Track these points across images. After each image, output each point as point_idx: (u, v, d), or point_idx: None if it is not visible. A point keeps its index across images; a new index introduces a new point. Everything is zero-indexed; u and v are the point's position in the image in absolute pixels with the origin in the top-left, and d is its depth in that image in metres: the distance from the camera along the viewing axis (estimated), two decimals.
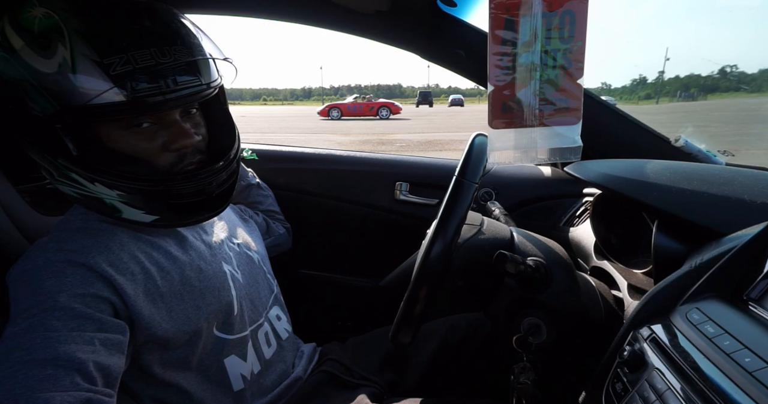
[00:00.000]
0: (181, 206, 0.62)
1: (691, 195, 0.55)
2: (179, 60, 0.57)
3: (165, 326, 0.61)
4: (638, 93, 44.98)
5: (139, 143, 0.59)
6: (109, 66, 0.52)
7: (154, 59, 0.54)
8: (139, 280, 0.60)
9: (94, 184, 0.57)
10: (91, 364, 0.50)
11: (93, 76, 0.52)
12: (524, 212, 1.12)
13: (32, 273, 0.55)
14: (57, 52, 0.52)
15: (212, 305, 0.67)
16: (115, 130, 0.58)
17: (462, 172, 0.59)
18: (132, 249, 0.62)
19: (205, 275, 0.68)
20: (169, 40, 0.57)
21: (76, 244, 0.59)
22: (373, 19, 0.96)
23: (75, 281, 0.55)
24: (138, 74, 0.54)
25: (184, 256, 0.67)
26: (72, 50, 0.52)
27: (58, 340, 0.50)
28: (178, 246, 0.67)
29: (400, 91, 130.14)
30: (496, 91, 0.67)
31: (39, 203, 0.82)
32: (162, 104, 0.56)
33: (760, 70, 77.17)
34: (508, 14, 0.64)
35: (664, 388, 0.41)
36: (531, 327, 0.61)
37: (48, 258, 0.56)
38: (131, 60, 0.53)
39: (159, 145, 0.60)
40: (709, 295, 0.46)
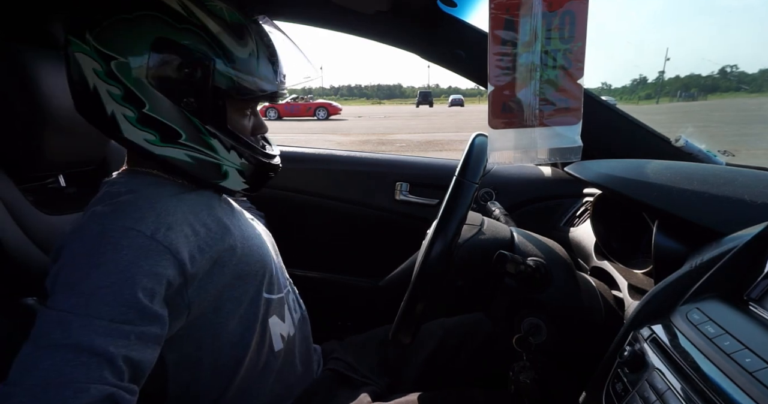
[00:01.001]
0: (265, 178, 0.74)
1: (691, 195, 0.55)
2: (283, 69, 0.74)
3: (217, 282, 0.64)
4: (638, 93, 44.97)
5: (246, 125, 0.71)
6: (273, 64, 0.69)
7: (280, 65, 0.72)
8: (192, 241, 0.62)
9: (230, 151, 0.67)
10: (121, 359, 0.51)
11: (268, 69, 0.68)
12: (524, 212, 1.12)
13: (90, 239, 0.57)
14: (249, 44, 0.66)
15: (258, 263, 0.71)
16: (236, 112, 0.69)
17: (462, 172, 0.59)
18: (183, 213, 0.64)
19: (248, 235, 0.73)
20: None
21: (132, 207, 0.61)
22: (373, 19, 0.96)
23: (131, 255, 0.56)
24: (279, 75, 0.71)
25: (227, 219, 0.71)
26: (257, 46, 0.67)
27: (98, 330, 0.51)
28: (221, 211, 0.72)
29: (400, 91, 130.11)
30: (496, 91, 0.67)
31: (42, 202, 0.82)
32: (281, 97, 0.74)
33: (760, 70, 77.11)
34: (508, 14, 0.64)
35: (665, 388, 0.41)
36: (531, 327, 0.61)
37: (103, 224, 0.58)
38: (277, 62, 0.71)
39: (251, 128, 0.73)
40: (710, 295, 0.46)
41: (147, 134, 0.64)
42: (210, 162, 0.67)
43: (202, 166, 0.67)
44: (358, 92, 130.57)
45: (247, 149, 0.69)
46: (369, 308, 1.26)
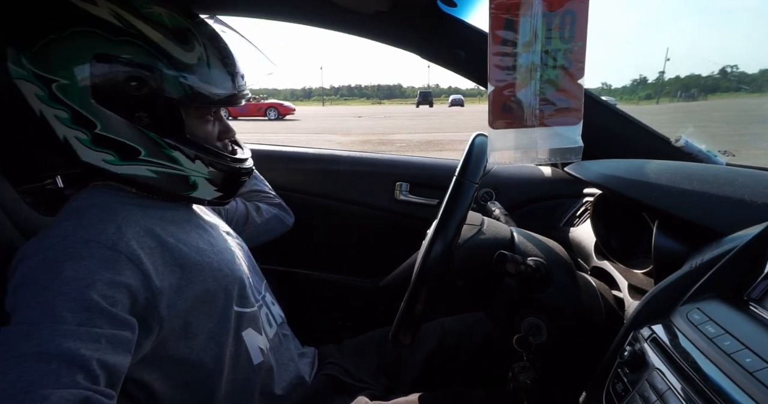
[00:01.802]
0: (237, 185, 0.73)
1: (691, 195, 0.55)
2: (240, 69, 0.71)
3: (186, 297, 0.63)
4: (639, 93, 44.97)
5: (209, 130, 0.70)
6: (227, 66, 0.67)
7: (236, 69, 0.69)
8: (156, 253, 0.61)
9: (195, 162, 0.66)
10: (95, 362, 0.50)
11: (221, 72, 0.66)
12: (524, 212, 1.12)
13: (48, 252, 0.55)
14: (195, 48, 0.63)
15: (228, 277, 0.70)
16: (195, 118, 0.67)
17: (462, 172, 0.59)
18: (146, 224, 0.64)
19: (218, 249, 0.72)
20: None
21: (93, 219, 0.59)
22: (373, 19, 0.96)
23: (92, 265, 0.54)
24: (236, 76, 0.69)
25: (195, 233, 0.71)
26: (206, 50, 0.65)
27: (65, 335, 0.49)
28: (188, 224, 0.71)
29: (400, 91, 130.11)
30: (497, 91, 0.67)
31: (39, 204, 0.82)
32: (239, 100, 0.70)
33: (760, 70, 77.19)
34: (508, 14, 0.64)
35: (665, 388, 0.41)
36: (531, 327, 0.61)
37: (64, 237, 0.56)
38: (231, 64, 0.68)
39: (216, 134, 0.71)
40: (710, 295, 0.46)
41: (105, 154, 0.61)
42: (176, 174, 0.66)
43: (168, 180, 0.66)
44: (358, 92, 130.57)
45: (212, 157, 0.67)
46: (369, 308, 1.26)
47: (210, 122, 0.70)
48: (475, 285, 0.68)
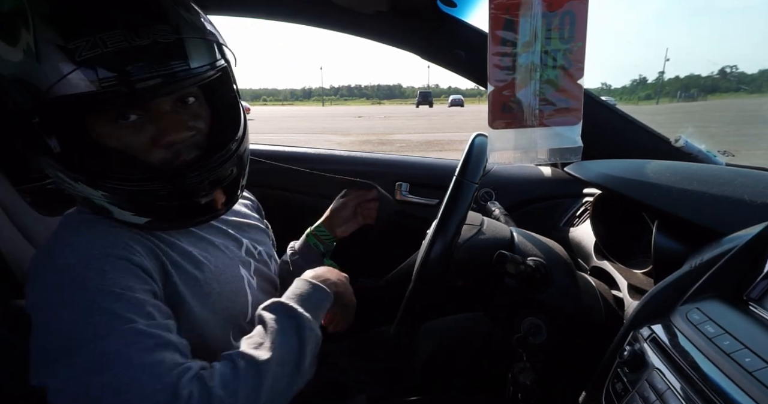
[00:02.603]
0: (171, 208, 0.55)
1: (691, 195, 0.55)
2: (158, 41, 0.49)
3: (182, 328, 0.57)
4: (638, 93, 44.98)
5: (126, 138, 0.52)
6: (74, 51, 0.45)
7: (126, 41, 0.47)
8: (158, 280, 0.56)
9: (77, 184, 0.52)
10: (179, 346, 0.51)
11: (58, 64, 0.46)
12: (524, 212, 1.12)
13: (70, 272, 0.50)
14: (21, 38, 0.46)
15: (228, 310, 0.63)
16: (102, 125, 0.52)
17: (462, 172, 0.59)
18: (150, 246, 0.57)
19: (224, 278, 0.64)
20: (147, 17, 0.49)
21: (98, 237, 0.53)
22: (373, 19, 0.96)
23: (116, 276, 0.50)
24: (107, 59, 0.46)
25: (202, 257, 0.62)
26: (35, 34, 0.46)
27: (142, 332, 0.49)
28: (196, 245, 0.63)
29: (400, 91, 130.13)
30: (496, 91, 0.67)
31: (39, 203, 0.82)
32: (138, 94, 0.49)
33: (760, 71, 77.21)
34: (508, 14, 0.64)
35: (665, 388, 0.41)
36: (531, 327, 0.61)
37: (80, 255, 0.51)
38: (99, 43, 0.46)
39: (148, 140, 0.53)
40: (709, 295, 0.46)
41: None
42: (81, 196, 0.54)
43: (81, 201, 0.55)
44: (358, 92, 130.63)
45: (97, 177, 0.51)
46: (369, 308, 1.26)
47: (130, 126, 0.52)
48: (475, 285, 0.68)
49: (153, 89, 0.50)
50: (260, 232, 0.82)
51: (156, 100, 0.53)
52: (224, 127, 0.61)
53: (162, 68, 0.49)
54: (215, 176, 0.56)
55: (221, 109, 0.61)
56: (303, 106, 68.41)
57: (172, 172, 0.54)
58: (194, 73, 0.52)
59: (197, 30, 0.54)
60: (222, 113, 0.61)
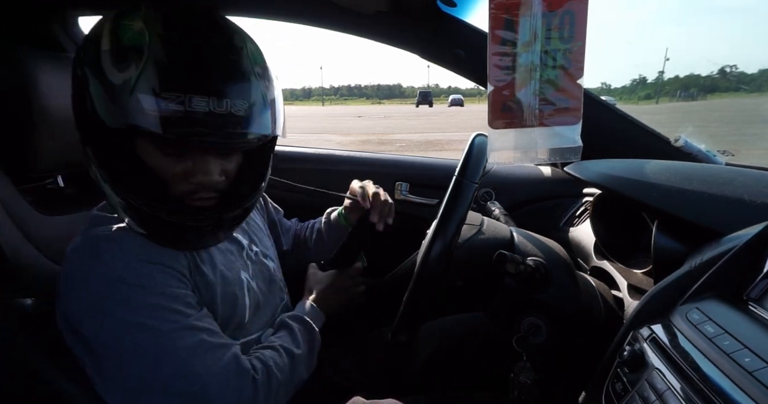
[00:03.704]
0: (168, 233, 0.62)
1: (691, 195, 0.55)
2: (234, 114, 0.56)
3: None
4: (638, 93, 45.00)
5: (165, 164, 0.59)
6: (163, 100, 0.53)
7: (208, 107, 0.54)
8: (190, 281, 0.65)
9: (105, 183, 0.60)
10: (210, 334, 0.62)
11: (143, 105, 0.53)
12: (524, 212, 1.12)
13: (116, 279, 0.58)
14: (129, 69, 0.53)
15: (226, 312, 0.68)
16: (151, 146, 0.58)
17: (462, 172, 0.59)
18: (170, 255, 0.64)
19: (226, 282, 0.69)
20: (234, 90, 0.56)
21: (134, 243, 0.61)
22: (373, 19, 0.96)
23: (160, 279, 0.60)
24: (185, 116, 0.53)
25: (208, 263, 0.68)
26: (141, 73, 0.53)
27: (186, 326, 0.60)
28: (203, 252, 0.68)
29: (400, 91, 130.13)
30: (496, 91, 0.67)
31: (40, 203, 0.82)
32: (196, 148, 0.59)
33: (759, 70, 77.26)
34: (508, 14, 0.64)
35: (664, 388, 0.41)
36: (531, 327, 0.61)
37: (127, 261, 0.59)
38: (186, 101, 0.53)
39: (180, 172, 0.60)
40: (709, 295, 0.46)
41: None
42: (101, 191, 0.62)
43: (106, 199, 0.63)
44: (358, 92, 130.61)
45: (123, 187, 0.58)
46: (369, 308, 1.26)
47: (173, 156, 0.59)
48: (475, 285, 0.68)
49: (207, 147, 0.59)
50: (258, 230, 0.86)
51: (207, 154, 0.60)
52: (249, 180, 0.67)
53: (225, 135, 0.56)
54: (221, 221, 0.64)
55: (253, 164, 0.68)
56: (303, 105, 68.45)
57: (185, 207, 0.61)
58: (248, 141, 0.59)
59: (268, 104, 0.61)
60: (253, 168, 0.68)
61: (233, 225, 0.69)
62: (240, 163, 0.66)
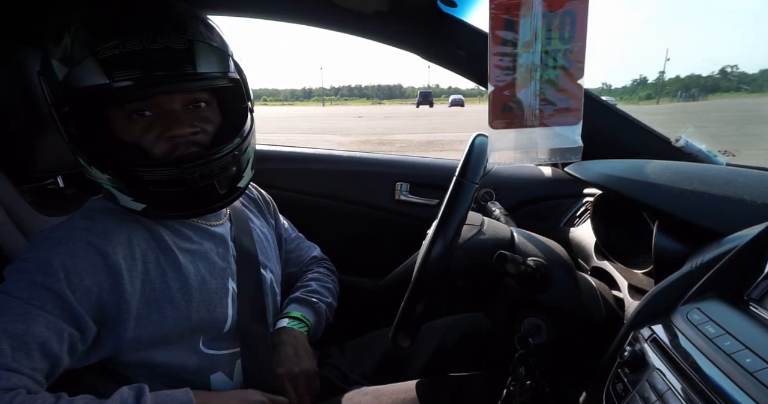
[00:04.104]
0: (163, 195, 0.61)
1: (691, 195, 0.55)
2: (170, 47, 0.57)
3: (150, 328, 0.62)
4: (639, 93, 45.02)
5: (138, 131, 0.60)
6: (98, 51, 0.55)
7: (141, 44, 0.55)
8: (141, 279, 0.62)
9: (91, 168, 0.60)
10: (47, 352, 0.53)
11: (84, 61, 0.55)
12: (524, 212, 1.12)
13: (51, 241, 0.58)
14: (63, 40, 0.56)
15: (203, 319, 0.66)
16: (120, 118, 0.60)
17: (462, 173, 0.59)
18: (144, 248, 0.63)
19: (207, 288, 0.67)
20: (165, 27, 0.58)
21: (103, 226, 0.61)
22: (373, 19, 0.96)
23: (81, 266, 0.57)
24: (122, 58, 0.55)
25: (192, 266, 0.67)
26: (73, 37, 0.56)
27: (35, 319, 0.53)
28: (189, 254, 0.67)
29: (400, 92, 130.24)
30: (497, 91, 0.67)
31: (40, 203, 0.82)
32: (144, 88, 0.57)
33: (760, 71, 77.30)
34: (508, 15, 0.64)
35: (665, 388, 0.41)
36: (531, 328, 0.61)
37: (72, 235, 0.59)
38: (120, 45, 0.55)
39: (155, 134, 0.60)
40: (710, 295, 0.46)
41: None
42: (95, 181, 0.62)
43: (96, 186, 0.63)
44: (358, 92, 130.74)
45: (105, 162, 0.59)
46: (369, 308, 1.26)
47: (142, 121, 0.60)
48: (475, 285, 0.67)
49: (156, 85, 0.58)
50: (263, 239, 0.84)
51: (161, 95, 0.59)
52: (227, 130, 0.66)
53: (168, 69, 0.57)
54: (204, 171, 0.61)
55: (230, 117, 0.68)
56: (303, 106, 68.50)
57: (166, 161, 0.60)
58: (200, 76, 0.60)
59: (210, 41, 0.62)
60: (229, 120, 0.68)
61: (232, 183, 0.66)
62: (217, 120, 0.66)
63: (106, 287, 0.58)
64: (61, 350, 0.55)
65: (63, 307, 0.55)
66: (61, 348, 0.54)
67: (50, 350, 0.53)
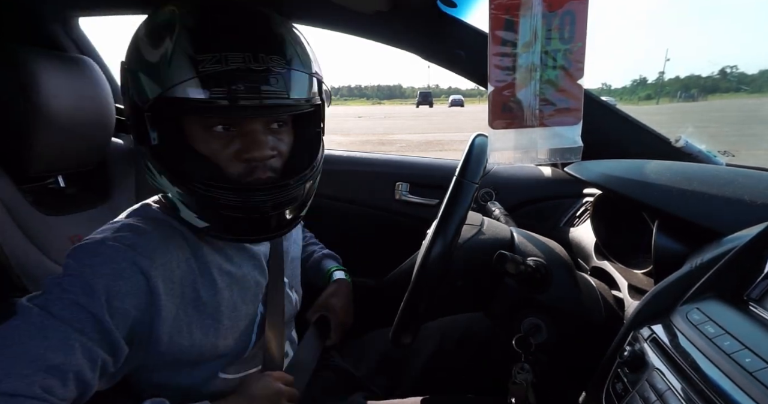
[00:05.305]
0: (231, 219, 0.59)
1: (691, 195, 0.55)
2: (271, 69, 0.56)
3: (176, 351, 0.61)
4: (638, 93, 45.00)
5: (216, 147, 0.58)
6: (200, 62, 0.53)
7: (245, 63, 0.54)
8: (176, 303, 0.60)
9: (161, 177, 0.58)
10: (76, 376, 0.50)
11: (183, 70, 0.53)
12: (524, 212, 1.12)
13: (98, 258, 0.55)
14: (163, 44, 0.54)
15: (228, 346, 0.65)
16: (199, 130, 0.58)
17: (462, 173, 0.59)
18: (184, 269, 0.61)
19: (237, 315, 0.66)
20: (267, 47, 0.56)
21: (149, 244, 0.58)
22: (373, 19, 0.96)
23: (125, 289, 0.54)
24: (223, 75, 0.53)
25: (227, 290, 0.65)
26: (175, 43, 0.54)
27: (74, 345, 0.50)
28: (228, 276, 0.65)
29: (400, 92, 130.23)
30: (497, 91, 0.67)
31: (40, 202, 0.82)
32: (236, 109, 0.56)
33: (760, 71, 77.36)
34: (508, 15, 0.64)
35: (665, 388, 0.41)
36: (531, 328, 0.61)
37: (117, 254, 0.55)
38: (222, 60, 0.53)
39: (232, 153, 0.58)
40: (710, 295, 0.46)
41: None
42: (159, 188, 0.61)
43: (159, 192, 0.62)
44: (358, 92, 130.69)
45: (178, 175, 0.57)
46: (369, 308, 1.26)
47: (222, 137, 0.58)
48: (475, 285, 0.67)
49: (251, 108, 0.56)
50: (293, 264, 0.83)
51: (249, 117, 0.58)
52: (302, 156, 0.65)
53: (266, 93, 0.56)
54: (281, 199, 0.60)
55: (304, 140, 0.66)
56: None
57: (243, 185, 0.59)
58: (291, 103, 0.59)
59: (306, 67, 0.60)
60: (303, 144, 0.66)
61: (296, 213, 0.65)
62: (290, 142, 0.64)
63: (143, 308, 0.56)
64: (94, 377, 0.52)
65: (102, 331, 0.52)
66: (93, 375, 0.52)
67: (83, 378, 0.51)
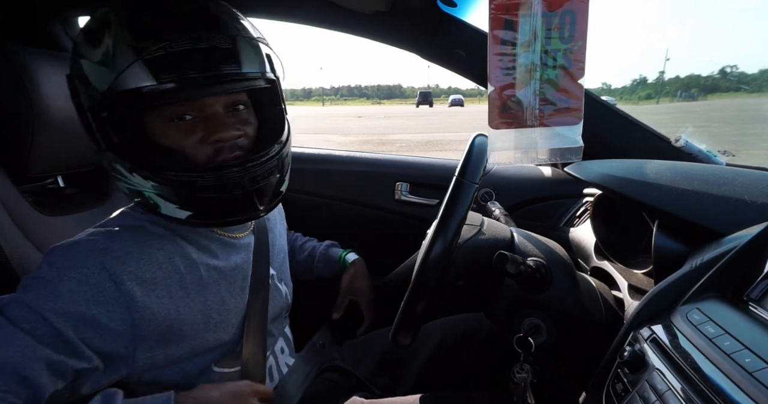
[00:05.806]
0: (211, 202, 0.59)
1: (691, 195, 0.55)
2: (217, 46, 0.55)
3: (167, 350, 0.61)
4: (639, 93, 45.01)
5: (179, 136, 0.58)
6: (143, 50, 0.52)
7: (189, 44, 0.53)
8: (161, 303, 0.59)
9: (133, 175, 0.57)
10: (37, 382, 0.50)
11: (127, 58, 0.52)
12: (524, 212, 1.12)
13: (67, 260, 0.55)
14: (104, 41, 0.54)
15: (219, 340, 0.66)
16: (159, 123, 0.57)
17: (462, 173, 0.59)
18: (168, 269, 0.61)
19: (226, 308, 0.66)
20: (209, 26, 0.56)
21: (122, 247, 0.58)
22: (373, 19, 0.96)
23: (90, 294, 0.54)
24: (170, 58, 0.53)
25: (214, 285, 0.65)
26: (114, 38, 0.54)
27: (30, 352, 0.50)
28: (215, 272, 0.66)
29: (400, 91, 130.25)
30: (497, 91, 0.67)
31: (40, 202, 0.82)
32: (190, 90, 0.55)
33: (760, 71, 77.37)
34: (508, 14, 0.64)
35: (665, 389, 0.41)
36: (531, 328, 0.61)
37: (87, 255, 0.56)
38: (166, 44, 0.53)
39: (198, 138, 0.58)
40: (710, 296, 0.46)
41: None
42: (134, 189, 0.59)
43: (133, 195, 0.60)
44: (358, 92, 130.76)
45: (149, 169, 0.56)
46: None
47: (184, 126, 0.57)
48: (475, 285, 0.67)
49: (206, 86, 0.56)
50: (281, 255, 0.84)
51: (207, 97, 0.58)
52: (267, 133, 0.65)
53: (216, 69, 0.56)
54: (252, 174, 0.59)
55: (267, 119, 0.67)
56: (303, 105, 68.53)
57: (211, 165, 0.58)
58: (245, 76, 0.59)
59: (251, 42, 0.60)
60: (268, 123, 0.66)
61: (275, 188, 0.65)
62: (255, 123, 0.65)
63: (116, 317, 0.56)
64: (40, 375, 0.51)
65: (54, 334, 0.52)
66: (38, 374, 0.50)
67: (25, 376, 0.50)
